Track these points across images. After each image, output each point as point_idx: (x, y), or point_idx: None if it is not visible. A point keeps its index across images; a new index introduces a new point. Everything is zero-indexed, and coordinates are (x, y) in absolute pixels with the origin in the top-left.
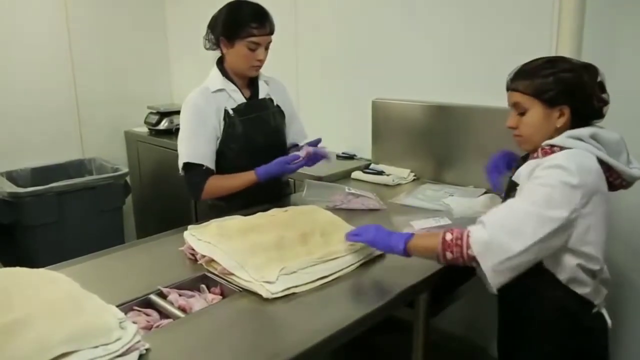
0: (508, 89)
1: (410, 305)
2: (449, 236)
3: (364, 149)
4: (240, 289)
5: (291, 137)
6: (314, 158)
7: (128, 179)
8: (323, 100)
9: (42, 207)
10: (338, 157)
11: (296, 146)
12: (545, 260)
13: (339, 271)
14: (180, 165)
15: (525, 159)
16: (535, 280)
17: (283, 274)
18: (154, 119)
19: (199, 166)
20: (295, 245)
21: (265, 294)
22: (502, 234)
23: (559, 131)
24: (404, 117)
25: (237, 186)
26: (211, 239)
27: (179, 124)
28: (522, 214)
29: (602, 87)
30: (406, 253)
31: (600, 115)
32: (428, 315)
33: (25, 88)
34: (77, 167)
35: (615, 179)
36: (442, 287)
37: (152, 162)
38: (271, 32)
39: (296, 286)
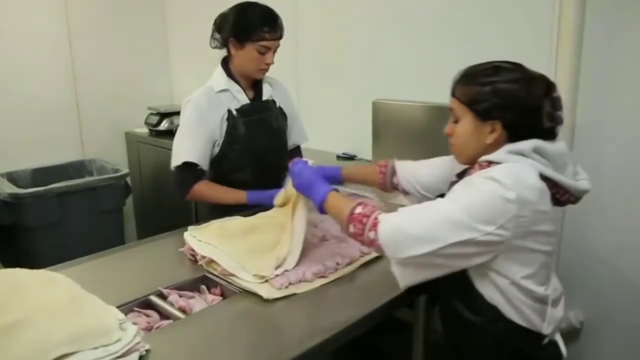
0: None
1: (410, 305)
2: (358, 209)
3: (364, 150)
4: (241, 290)
5: (293, 139)
6: None
7: (128, 179)
8: (323, 100)
9: (43, 208)
10: (338, 157)
11: (298, 148)
12: (480, 287)
13: (338, 271)
14: (176, 162)
15: (461, 175)
16: (473, 311)
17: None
18: (154, 119)
19: (194, 166)
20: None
21: (265, 295)
22: (413, 229)
23: (493, 147)
24: (404, 118)
25: (224, 200)
26: (211, 240)
27: (179, 125)
28: (441, 215)
29: (554, 104)
30: (321, 210)
31: (550, 135)
32: (428, 316)
33: (26, 89)
34: (77, 168)
35: (562, 195)
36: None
37: (152, 163)
38: (281, 37)
39: (296, 287)
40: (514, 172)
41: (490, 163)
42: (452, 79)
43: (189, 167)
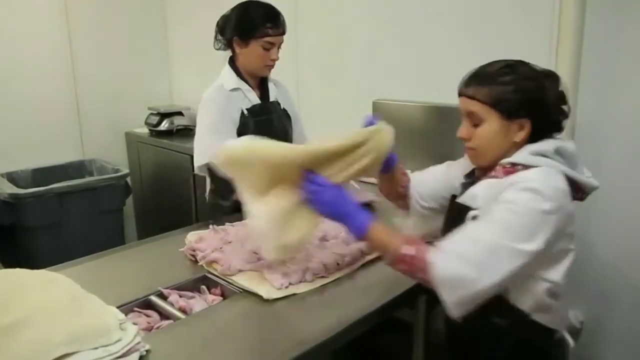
0: (461, 94)
1: (410, 306)
2: (406, 250)
3: None
4: (241, 290)
5: (294, 142)
6: None
7: (128, 179)
8: (323, 101)
9: (43, 208)
10: None
11: None
12: (513, 292)
13: (339, 271)
14: (206, 161)
15: (470, 176)
16: (500, 314)
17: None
18: (154, 119)
19: None
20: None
21: (265, 295)
22: (467, 268)
23: (517, 146)
24: (404, 118)
25: None
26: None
27: (179, 125)
28: (490, 245)
29: (563, 98)
30: (360, 238)
31: (560, 128)
32: (428, 316)
33: (26, 89)
34: (77, 168)
35: (577, 193)
36: None
37: (152, 163)
38: (284, 32)
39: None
40: (549, 179)
41: (514, 165)
42: (460, 80)
43: None
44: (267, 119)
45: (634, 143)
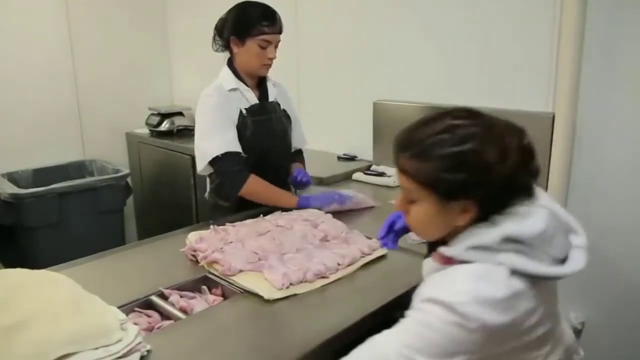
0: (395, 159)
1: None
2: None
3: (365, 151)
4: (242, 290)
5: (294, 143)
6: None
7: (129, 180)
8: (324, 101)
9: (43, 208)
10: (339, 158)
11: (300, 151)
12: None
13: (339, 272)
14: (212, 156)
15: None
16: None
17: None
18: (155, 120)
19: (235, 155)
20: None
21: (266, 295)
22: None
23: (461, 229)
24: (405, 119)
25: (274, 201)
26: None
27: (180, 125)
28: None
29: (530, 154)
30: None
31: (529, 192)
32: None
33: (27, 89)
34: (78, 168)
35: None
36: None
37: (153, 164)
38: (280, 31)
39: (297, 287)
40: (482, 286)
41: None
42: (453, 80)
43: (230, 159)
44: (266, 119)
45: (635, 142)
